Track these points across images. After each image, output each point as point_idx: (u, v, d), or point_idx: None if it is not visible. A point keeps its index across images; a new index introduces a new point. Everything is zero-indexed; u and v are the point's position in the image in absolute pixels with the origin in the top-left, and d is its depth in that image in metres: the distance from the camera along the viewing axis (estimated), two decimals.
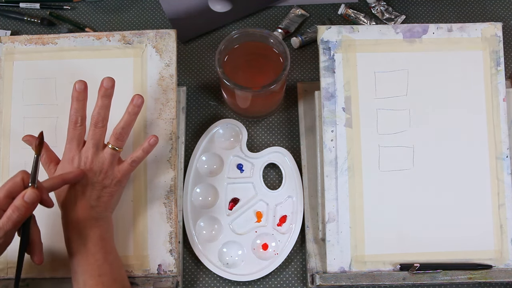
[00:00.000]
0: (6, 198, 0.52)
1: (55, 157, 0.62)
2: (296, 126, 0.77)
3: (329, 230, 0.65)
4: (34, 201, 0.52)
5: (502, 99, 0.67)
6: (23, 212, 0.52)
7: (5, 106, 0.68)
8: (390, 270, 0.65)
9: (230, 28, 0.85)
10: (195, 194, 0.72)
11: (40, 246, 0.56)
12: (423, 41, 0.68)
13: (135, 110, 0.60)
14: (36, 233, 0.56)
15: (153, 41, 0.69)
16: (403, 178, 0.66)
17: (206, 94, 0.80)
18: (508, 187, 0.66)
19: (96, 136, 0.60)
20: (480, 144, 0.67)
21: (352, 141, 0.66)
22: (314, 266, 0.67)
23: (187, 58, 0.82)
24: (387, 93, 0.67)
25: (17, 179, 0.53)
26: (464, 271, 0.64)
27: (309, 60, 0.82)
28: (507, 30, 0.84)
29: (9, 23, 0.85)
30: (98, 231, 0.58)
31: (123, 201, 0.65)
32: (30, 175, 0.53)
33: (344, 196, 0.65)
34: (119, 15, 0.86)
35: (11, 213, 0.51)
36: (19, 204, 0.51)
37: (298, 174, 0.72)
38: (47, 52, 0.69)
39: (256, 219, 0.71)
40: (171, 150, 0.66)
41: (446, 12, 0.85)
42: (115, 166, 0.61)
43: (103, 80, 0.59)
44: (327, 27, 0.68)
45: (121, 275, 0.59)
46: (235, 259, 0.69)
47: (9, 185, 0.53)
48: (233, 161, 0.73)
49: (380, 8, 0.84)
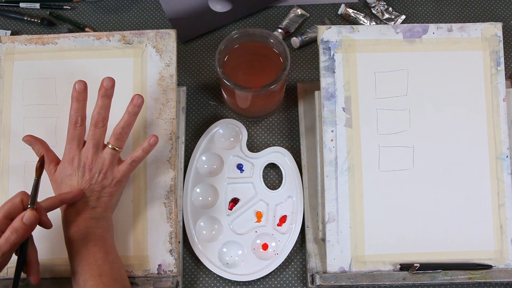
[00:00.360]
0: (5, 219, 0.52)
1: (55, 158, 0.62)
2: (296, 126, 0.77)
3: (329, 230, 0.65)
4: (33, 223, 0.52)
5: (502, 99, 0.67)
6: (21, 234, 0.51)
7: (5, 106, 0.68)
8: (390, 270, 0.65)
9: (230, 28, 0.85)
10: (195, 194, 0.72)
11: (37, 266, 0.56)
12: (423, 41, 0.68)
13: (135, 110, 0.60)
14: (33, 253, 0.56)
15: (153, 41, 0.68)
16: (403, 178, 0.66)
17: (206, 94, 0.80)
18: (508, 187, 0.66)
19: (96, 136, 0.60)
20: (480, 144, 0.67)
21: (352, 141, 0.66)
22: (314, 266, 0.67)
23: (187, 58, 0.82)
24: (387, 93, 0.67)
25: (16, 200, 0.53)
26: (464, 271, 0.64)
27: (309, 60, 0.82)
28: (507, 30, 0.84)
29: (9, 23, 0.85)
30: (98, 231, 0.59)
31: (123, 201, 0.65)
32: (29, 197, 0.53)
33: (344, 196, 0.65)
34: (119, 15, 0.86)
35: (10, 234, 0.51)
36: (17, 226, 0.51)
37: (298, 174, 0.72)
38: (47, 52, 0.69)
39: (256, 219, 0.71)
40: (171, 150, 0.66)
41: (446, 12, 0.85)
42: (115, 166, 0.61)
43: (103, 80, 0.59)
44: (327, 27, 0.68)
45: (121, 275, 0.59)
46: (235, 259, 0.69)
47: (8, 206, 0.52)
48: (233, 161, 0.73)
49: (380, 8, 0.84)
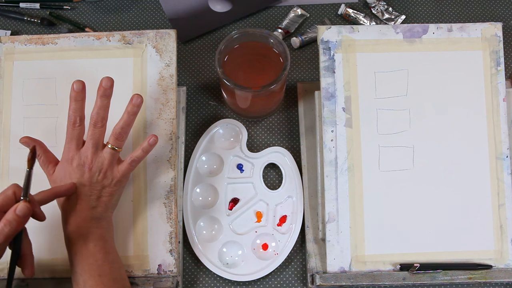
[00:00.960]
0: None
1: (54, 158, 0.62)
2: (296, 126, 0.77)
3: (329, 230, 0.65)
4: (26, 215, 0.52)
5: (502, 99, 0.67)
6: (15, 226, 0.51)
7: (5, 106, 0.68)
8: (390, 270, 0.65)
9: (230, 28, 0.85)
10: (195, 194, 0.72)
11: (31, 259, 0.56)
12: (423, 41, 0.68)
13: (134, 110, 0.60)
14: (27, 246, 0.56)
15: (153, 41, 0.68)
16: (403, 178, 0.66)
17: (206, 94, 0.80)
18: (508, 187, 0.66)
19: (95, 136, 0.60)
20: (480, 144, 0.67)
21: (352, 141, 0.66)
22: (314, 266, 0.67)
23: (187, 58, 0.82)
24: (387, 93, 0.67)
25: (8, 193, 0.53)
26: (464, 271, 0.64)
27: (309, 60, 0.82)
28: (507, 30, 0.84)
29: (9, 23, 0.85)
30: (98, 231, 0.59)
31: (123, 201, 0.65)
32: (22, 189, 0.53)
33: (344, 196, 0.65)
34: (119, 15, 0.86)
35: (3, 226, 0.51)
36: (10, 218, 0.51)
37: (298, 174, 0.72)
38: (47, 52, 0.69)
39: (256, 219, 0.71)
40: (171, 150, 0.66)
41: (446, 12, 0.85)
42: (114, 166, 0.60)
43: (102, 80, 0.59)
44: (327, 27, 0.68)
45: (121, 275, 0.59)
46: (235, 259, 0.69)
47: (1, 198, 0.52)
48: (233, 161, 0.73)
49: (380, 8, 0.84)
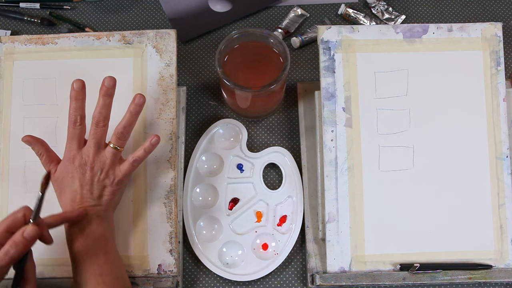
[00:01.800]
0: (6, 232, 0.51)
1: (56, 157, 0.62)
2: (296, 126, 0.77)
3: (329, 230, 0.65)
4: (33, 238, 0.52)
5: (502, 99, 0.67)
6: (21, 248, 0.51)
7: (5, 106, 0.68)
8: (390, 270, 0.65)
9: (230, 28, 0.85)
10: (195, 194, 0.72)
11: (34, 283, 0.55)
12: (423, 41, 0.68)
13: (136, 110, 0.60)
14: (31, 269, 0.55)
15: (153, 41, 0.68)
16: (403, 178, 0.66)
17: (206, 94, 0.80)
18: (508, 187, 0.66)
19: (97, 135, 0.60)
20: (480, 144, 0.67)
21: (352, 141, 0.66)
22: (314, 266, 0.67)
23: (187, 58, 0.82)
24: (387, 93, 0.67)
25: (18, 215, 0.53)
26: (464, 271, 0.64)
27: (309, 60, 0.82)
28: (507, 30, 0.84)
29: (9, 23, 0.85)
30: (99, 230, 0.59)
31: (123, 201, 0.65)
32: (32, 212, 0.53)
33: (344, 196, 0.65)
34: (119, 15, 0.86)
35: (9, 248, 0.50)
36: (17, 240, 0.51)
37: (298, 174, 0.72)
38: (47, 52, 0.69)
39: (256, 219, 0.71)
40: (171, 150, 0.66)
41: (446, 12, 0.85)
42: (116, 166, 0.61)
43: (104, 79, 0.59)
44: (327, 27, 0.68)
45: (122, 274, 0.59)
46: (235, 259, 0.69)
47: (10, 219, 0.52)
48: (233, 161, 0.73)
49: (380, 8, 0.84)
